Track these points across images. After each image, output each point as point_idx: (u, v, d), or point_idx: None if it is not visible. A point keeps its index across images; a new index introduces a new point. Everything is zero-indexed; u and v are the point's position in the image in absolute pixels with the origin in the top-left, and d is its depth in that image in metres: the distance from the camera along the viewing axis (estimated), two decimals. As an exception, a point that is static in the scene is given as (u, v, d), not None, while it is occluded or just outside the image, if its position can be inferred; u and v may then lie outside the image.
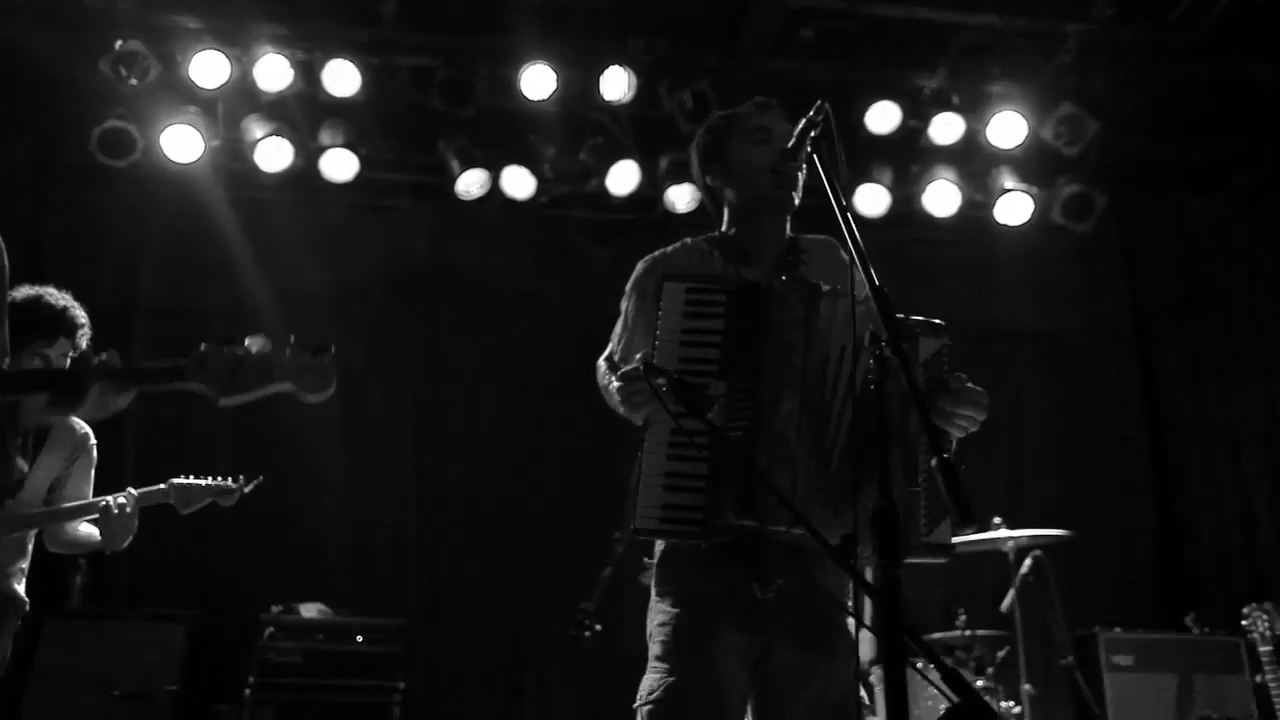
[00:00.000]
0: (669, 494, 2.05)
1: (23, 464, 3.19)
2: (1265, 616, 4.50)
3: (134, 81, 5.17)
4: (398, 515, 5.89)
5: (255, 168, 5.62)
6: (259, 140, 5.53)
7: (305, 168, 5.67)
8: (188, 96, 5.41)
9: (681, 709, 2.08)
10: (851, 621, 2.17)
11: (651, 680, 2.15)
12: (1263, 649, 4.48)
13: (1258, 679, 4.74)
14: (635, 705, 2.17)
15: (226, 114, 5.62)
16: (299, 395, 2.18)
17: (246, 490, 3.51)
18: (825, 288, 2.14)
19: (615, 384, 2.19)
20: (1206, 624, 5.28)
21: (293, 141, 5.59)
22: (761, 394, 2.06)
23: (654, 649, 2.19)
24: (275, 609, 4.90)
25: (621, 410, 2.27)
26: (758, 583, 2.13)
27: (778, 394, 2.06)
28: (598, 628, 4.48)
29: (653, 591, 2.26)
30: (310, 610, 4.96)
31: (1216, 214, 6.41)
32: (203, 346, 2.13)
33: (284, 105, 5.55)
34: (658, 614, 2.21)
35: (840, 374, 2.07)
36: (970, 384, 2.12)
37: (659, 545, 2.28)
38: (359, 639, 4.85)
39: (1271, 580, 5.61)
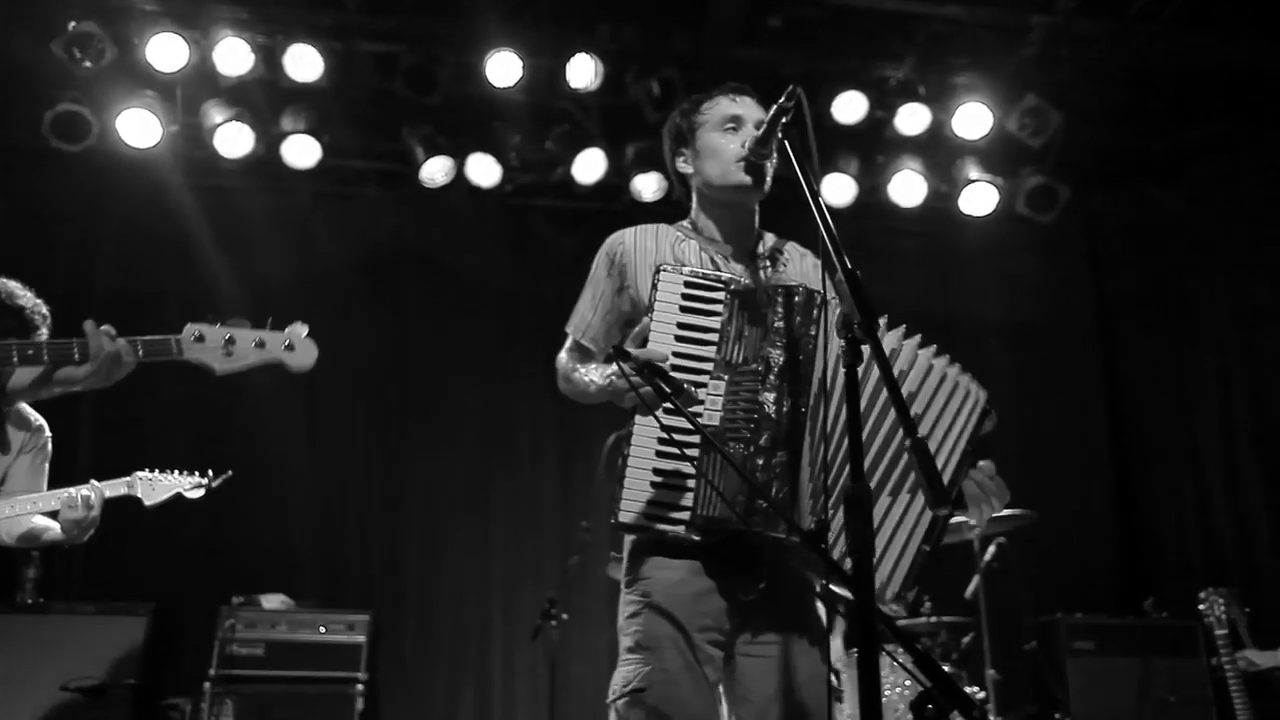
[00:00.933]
0: (656, 491, 2.03)
1: (10, 440, 3.14)
2: (1221, 601, 4.57)
3: (88, 64, 5.05)
4: (361, 505, 5.83)
5: (215, 154, 5.52)
6: (219, 125, 5.43)
7: (267, 154, 5.58)
8: (145, 80, 5.30)
9: (659, 698, 2.07)
10: (822, 606, 2.17)
11: (626, 671, 2.13)
12: (1218, 633, 4.55)
13: (1213, 662, 4.83)
14: (611, 699, 2.15)
15: (185, 98, 5.51)
16: (287, 366, 2.50)
17: (215, 485, 3.46)
18: (832, 296, 2.13)
19: (596, 380, 2.19)
20: (1165, 609, 5.37)
21: (254, 127, 5.50)
22: (766, 398, 2.05)
23: (626, 641, 2.17)
24: (236, 600, 4.83)
25: (594, 390, 2.25)
26: (742, 584, 2.12)
27: (783, 399, 2.05)
28: (564, 617, 4.47)
29: (623, 583, 2.25)
30: (272, 601, 4.90)
31: (1177, 205, 6.49)
32: (191, 325, 2.40)
33: (244, 90, 5.45)
34: (629, 605, 2.20)
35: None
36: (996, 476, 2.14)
37: (628, 538, 2.26)
38: (321, 630, 4.80)
39: (1228, 565, 5.71)
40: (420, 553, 5.83)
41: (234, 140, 5.49)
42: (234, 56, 5.22)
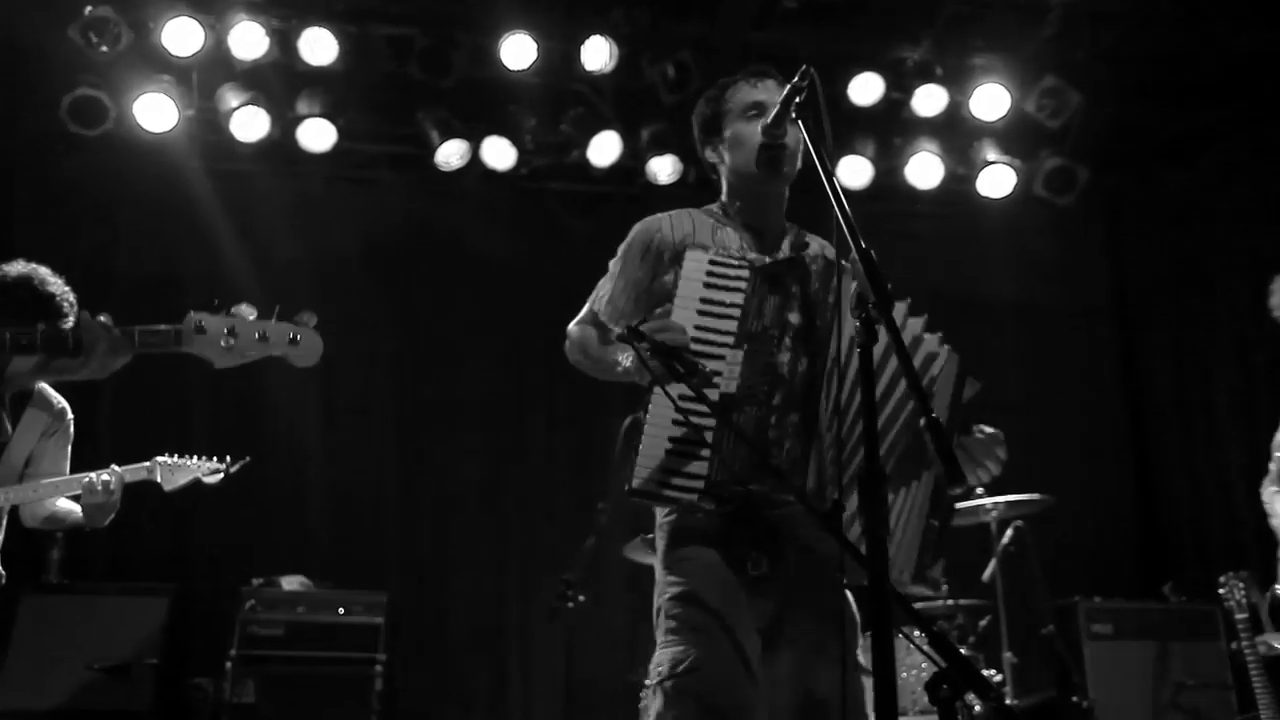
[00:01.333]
0: (671, 458, 2.04)
1: (8, 425, 3.16)
2: (1241, 585, 4.55)
3: (105, 49, 5.06)
4: (378, 486, 5.87)
5: (231, 138, 5.54)
6: (234, 110, 5.44)
7: (282, 138, 5.59)
8: (161, 65, 5.31)
9: (711, 680, 2.07)
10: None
11: (675, 652, 2.13)
12: (1238, 616, 4.53)
13: (1233, 646, 4.80)
14: (658, 680, 2.15)
15: (201, 83, 5.52)
16: (290, 361, 2.34)
17: (233, 471, 3.49)
18: (846, 264, 2.13)
19: (622, 361, 2.20)
20: (1184, 593, 5.34)
21: (269, 111, 5.50)
22: (781, 361, 2.07)
23: (667, 624, 2.18)
24: (256, 582, 4.88)
25: (619, 372, 2.26)
26: (755, 556, 2.14)
27: (799, 363, 2.06)
28: (580, 598, 4.49)
29: (659, 567, 2.26)
30: (291, 583, 4.94)
31: (1197, 187, 6.43)
32: (194, 313, 2.27)
33: (260, 74, 5.46)
34: (671, 587, 2.20)
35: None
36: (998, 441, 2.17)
37: (660, 519, 2.27)
38: (340, 611, 4.84)
39: (1247, 549, 5.67)
40: (436, 535, 5.86)
41: (249, 124, 5.50)
42: (249, 40, 5.23)
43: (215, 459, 3.47)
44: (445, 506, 5.91)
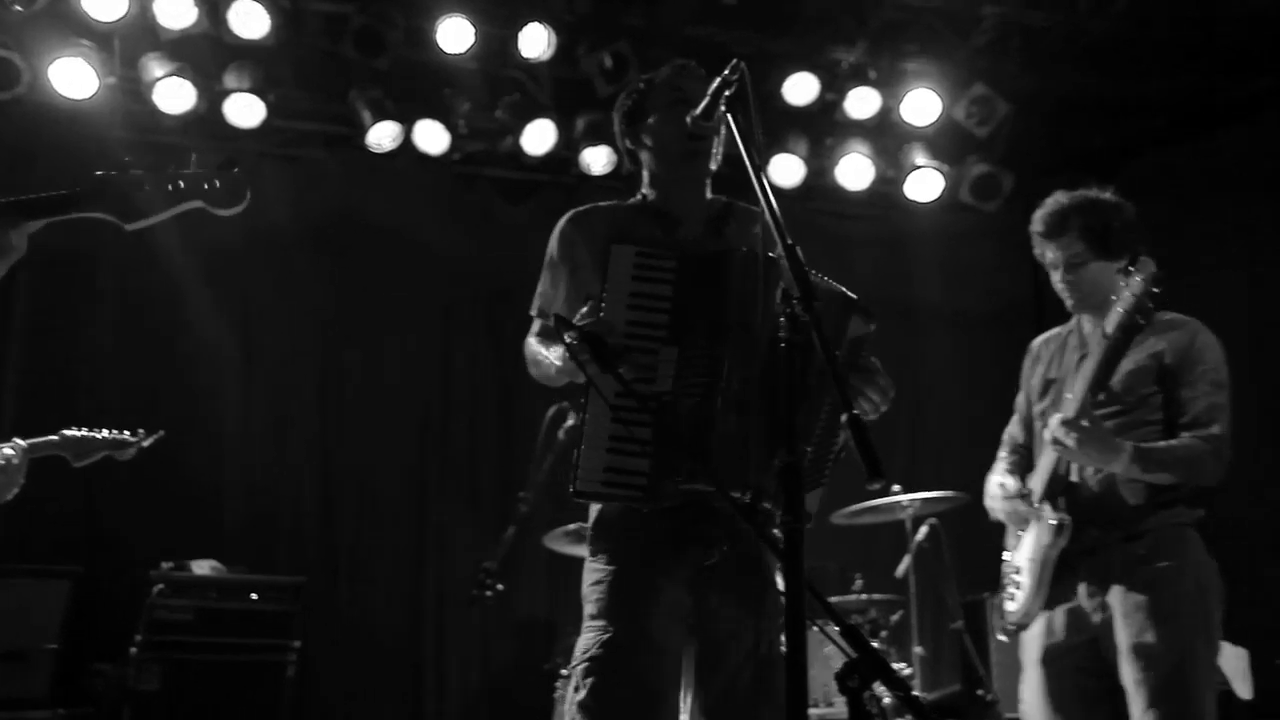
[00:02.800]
0: (612, 457, 2.06)
1: None
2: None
3: (19, 8, 4.88)
4: (298, 471, 5.76)
5: (155, 109, 5.37)
6: (159, 80, 5.28)
7: (209, 112, 5.44)
8: (80, 29, 5.13)
9: (619, 665, 2.10)
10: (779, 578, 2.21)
11: (588, 639, 2.16)
12: (1136, 614, 4.69)
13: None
14: (571, 665, 2.18)
15: (124, 50, 5.35)
16: (210, 207, 2.15)
17: (146, 444, 3.38)
18: (775, 256, 2.14)
19: (555, 361, 2.20)
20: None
21: (196, 84, 5.35)
22: (715, 359, 2.08)
23: (589, 608, 2.20)
24: (166, 565, 4.75)
25: (554, 374, 2.26)
26: (701, 549, 2.16)
27: (729, 360, 2.08)
28: (499, 587, 4.47)
29: (587, 552, 2.27)
30: (203, 567, 4.83)
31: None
32: (98, 173, 2.05)
33: (187, 45, 5.30)
34: (593, 573, 2.23)
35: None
36: (883, 373, 2.18)
37: (593, 508, 2.28)
38: (253, 596, 4.75)
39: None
40: (356, 520, 5.79)
41: (175, 96, 5.33)
42: (176, 9, 5.06)
43: (127, 432, 3.35)
44: (366, 492, 5.83)
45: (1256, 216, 5.79)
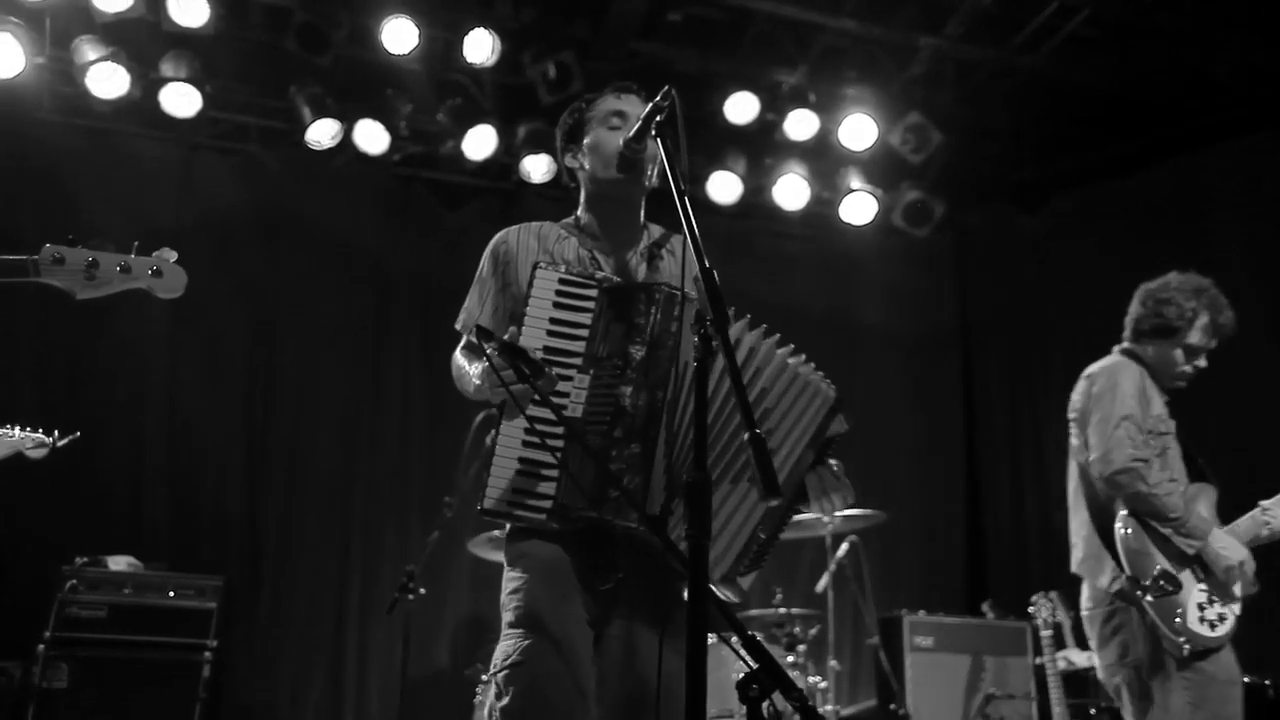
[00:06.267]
0: (520, 478, 2.09)
1: None
2: (1049, 604, 4.89)
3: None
4: (222, 468, 5.67)
5: (87, 92, 5.27)
6: (92, 63, 5.18)
7: (144, 99, 5.35)
8: (9, 5, 5.00)
9: (538, 672, 2.13)
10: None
11: (506, 646, 2.19)
12: (1044, 633, 4.87)
13: (1037, 661, 5.15)
14: (491, 672, 2.21)
15: (55, 30, 5.23)
16: (153, 292, 2.37)
17: (60, 445, 3.30)
18: (692, 295, 2.19)
19: (475, 374, 2.22)
20: (1001, 611, 5.68)
21: (130, 70, 5.26)
22: (624, 392, 2.12)
23: (508, 616, 2.23)
24: (80, 561, 4.65)
25: (473, 390, 2.28)
26: (599, 573, 2.20)
27: (640, 394, 2.12)
28: (421, 591, 4.46)
29: (505, 561, 2.31)
30: (119, 563, 4.73)
31: (1041, 231, 6.84)
32: (50, 246, 2.26)
33: (123, 29, 5.21)
34: (510, 582, 2.26)
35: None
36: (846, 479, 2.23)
37: None
38: (171, 594, 4.66)
39: (1062, 573, 6.05)
40: (280, 521, 5.71)
41: (108, 80, 5.24)
42: (113, -9, 4.99)
43: (40, 432, 3.28)
44: (292, 492, 5.76)
45: (1177, 251, 5.99)
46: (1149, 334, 3.41)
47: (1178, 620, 3.05)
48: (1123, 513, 3.23)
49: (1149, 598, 3.06)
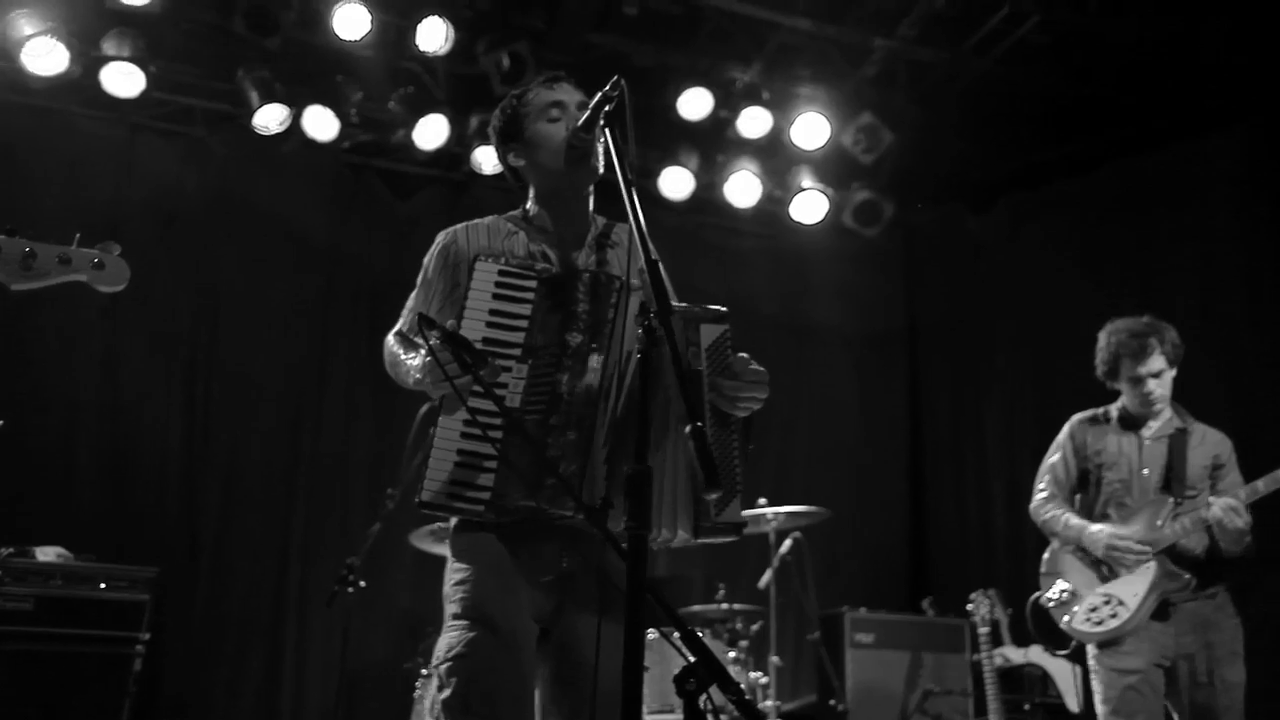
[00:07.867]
0: (459, 470, 2.07)
1: None
2: (987, 602, 4.97)
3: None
4: (159, 456, 5.55)
5: (22, 68, 5.11)
6: (28, 38, 5.02)
7: (83, 77, 5.21)
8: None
9: (482, 664, 2.11)
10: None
11: (450, 638, 2.17)
12: (981, 630, 4.95)
13: (975, 657, 5.23)
14: (433, 665, 2.19)
15: (-11, 3, 5.08)
16: (94, 285, 2.27)
17: (-11, 430, 3.20)
18: (635, 283, 2.17)
19: (414, 366, 2.18)
20: (941, 608, 5.76)
21: (69, 47, 5.11)
22: (560, 380, 2.11)
23: (451, 608, 2.21)
24: (4, 551, 4.50)
25: (411, 383, 2.26)
26: (543, 566, 2.18)
27: (577, 381, 2.11)
28: (362, 584, 4.40)
29: (449, 553, 2.28)
30: (47, 554, 4.59)
31: (988, 234, 6.93)
32: None
33: (62, 4, 5.07)
34: (454, 574, 2.24)
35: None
36: (754, 364, 2.19)
37: None
38: (102, 586, 4.54)
39: (1000, 569, 6.16)
40: (219, 510, 5.60)
41: (45, 57, 5.09)
42: (52, -34, 4.85)
43: (-36, 421, 3.18)
44: (231, 481, 5.66)
45: (1123, 252, 6.09)
46: (1104, 378, 3.79)
47: (1065, 621, 3.63)
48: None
49: (1049, 607, 3.70)
